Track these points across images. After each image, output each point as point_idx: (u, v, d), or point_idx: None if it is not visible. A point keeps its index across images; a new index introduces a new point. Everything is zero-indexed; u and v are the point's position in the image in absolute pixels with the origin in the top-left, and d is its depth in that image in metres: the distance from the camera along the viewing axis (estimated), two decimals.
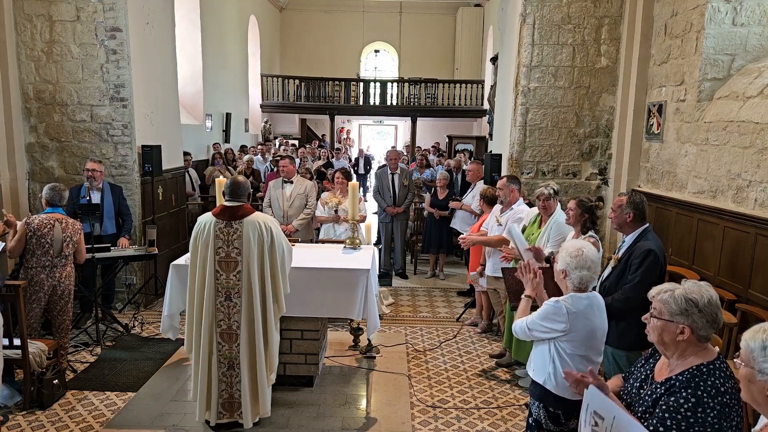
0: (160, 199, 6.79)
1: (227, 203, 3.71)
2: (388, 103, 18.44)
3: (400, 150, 14.30)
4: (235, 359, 3.69)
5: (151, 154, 6.30)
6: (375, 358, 5.11)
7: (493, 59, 12.20)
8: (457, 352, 5.36)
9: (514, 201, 5.17)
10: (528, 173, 6.61)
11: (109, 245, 5.65)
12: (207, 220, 3.70)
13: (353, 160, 16.28)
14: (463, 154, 12.51)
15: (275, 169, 8.88)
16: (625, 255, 3.55)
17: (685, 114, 5.28)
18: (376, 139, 24.63)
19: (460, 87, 18.06)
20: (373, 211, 9.04)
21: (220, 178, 5.16)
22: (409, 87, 18.41)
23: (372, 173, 15.18)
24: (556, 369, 2.70)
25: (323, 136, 19.51)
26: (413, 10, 20.67)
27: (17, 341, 4.05)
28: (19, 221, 4.60)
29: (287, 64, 20.51)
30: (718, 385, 1.85)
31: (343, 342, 5.38)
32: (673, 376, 1.94)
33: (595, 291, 2.85)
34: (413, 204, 8.26)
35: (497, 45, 11.19)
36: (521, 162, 6.61)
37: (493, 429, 4.02)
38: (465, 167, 9.35)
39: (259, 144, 12.80)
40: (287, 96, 17.96)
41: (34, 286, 4.48)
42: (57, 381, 4.24)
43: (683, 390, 1.87)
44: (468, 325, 6.04)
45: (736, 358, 1.67)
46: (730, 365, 1.94)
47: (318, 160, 12.84)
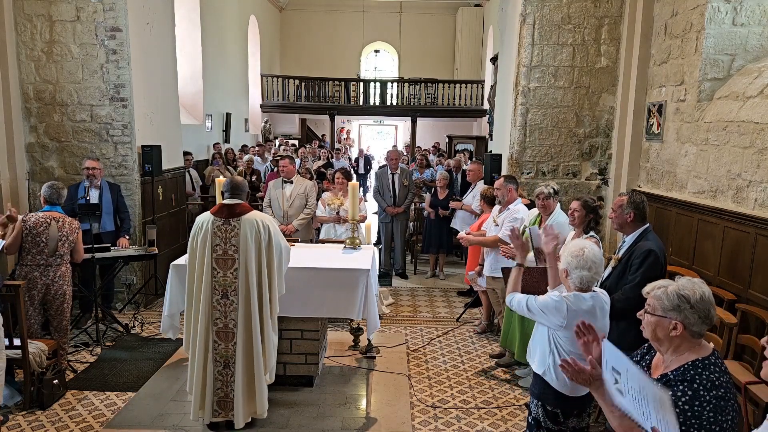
0: (160, 199, 6.80)
1: (226, 201, 3.73)
2: (388, 103, 18.42)
3: (401, 150, 14.28)
4: (231, 358, 3.68)
5: (151, 154, 6.31)
6: (375, 358, 5.11)
7: (493, 59, 12.20)
8: (457, 352, 5.36)
9: (512, 201, 5.17)
10: (528, 173, 6.61)
11: (108, 245, 5.65)
12: (205, 218, 3.72)
13: (353, 160, 16.27)
14: (463, 154, 12.51)
15: (275, 169, 8.88)
16: (625, 255, 3.55)
17: (685, 114, 5.27)
18: (376, 139, 24.62)
19: (460, 87, 18.04)
20: (373, 211, 9.04)
21: (219, 178, 5.16)
22: (409, 87, 18.40)
23: (372, 173, 15.17)
24: (555, 361, 2.71)
25: (323, 136, 19.50)
26: (413, 10, 20.67)
27: (17, 341, 4.05)
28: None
29: (287, 64, 20.51)
30: (713, 379, 1.85)
31: (343, 342, 5.38)
32: (668, 372, 1.94)
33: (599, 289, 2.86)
34: (413, 204, 8.26)
35: (497, 45, 11.19)
36: (521, 162, 6.61)
37: (493, 429, 4.02)
38: (465, 167, 9.36)
39: (257, 144, 12.78)
40: (287, 96, 17.95)
41: (28, 284, 4.46)
42: (57, 381, 4.24)
43: (679, 384, 1.87)
44: (476, 326, 6.00)
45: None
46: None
47: (318, 160, 12.83)
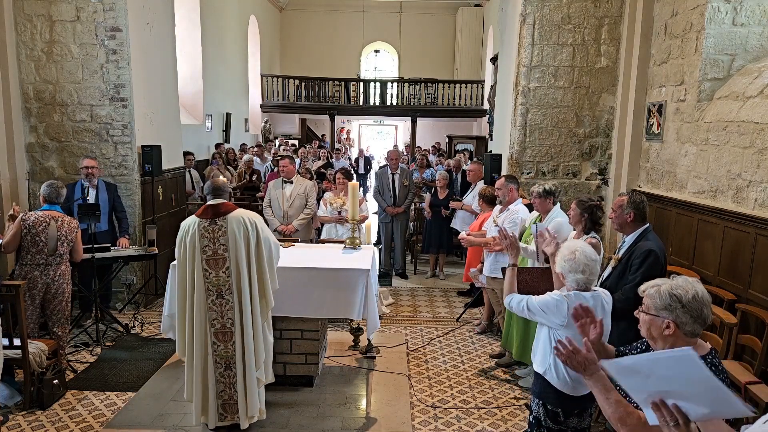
0: (160, 199, 6.80)
1: (210, 202, 3.71)
2: (388, 103, 18.42)
3: (401, 150, 14.29)
4: (231, 358, 3.67)
5: (151, 154, 6.31)
6: (375, 358, 5.11)
7: (493, 59, 12.20)
8: (457, 352, 5.36)
9: (513, 200, 5.16)
10: (528, 173, 6.61)
11: (108, 245, 5.65)
12: (190, 222, 3.69)
13: (353, 160, 16.26)
14: (463, 154, 12.50)
15: (275, 169, 8.88)
16: (625, 255, 3.55)
17: (685, 114, 5.27)
18: (376, 139, 24.63)
19: (460, 87, 18.04)
20: (373, 211, 9.04)
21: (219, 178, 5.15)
22: (409, 87, 18.40)
23: (372, 173, 15.16)
24: (556, 360, 2.71)
25: (323, 136, 19.49)
26: (413, 10, 20.67)
27: (17, 341, 4.04)
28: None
29: (287, 64, 20.50)
30: None
31: (343, 342, 5.38)
32: None
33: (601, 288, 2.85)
34: (413, 204, 8.26)
35: (497, 45, 11.19)
36: (521, 162, 6.61)
37: (493, 429, 4.02)
38: (465, 167, 9.36)
39: (257, 145, 12.76)
40: (287, 96, 17.95)
41: (28, 283, 4.46)
42: (57, 381, 4.24)
43: None
44: (476, 326, 6.00)
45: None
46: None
47: (318, 160, 12.82)
